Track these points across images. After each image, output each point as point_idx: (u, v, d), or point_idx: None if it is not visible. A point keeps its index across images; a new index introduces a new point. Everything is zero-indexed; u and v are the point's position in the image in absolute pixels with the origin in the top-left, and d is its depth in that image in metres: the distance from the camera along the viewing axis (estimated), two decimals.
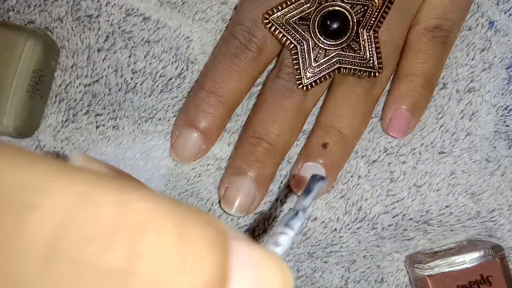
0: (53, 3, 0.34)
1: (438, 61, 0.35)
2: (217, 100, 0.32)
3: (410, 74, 0.34)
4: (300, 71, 0.32)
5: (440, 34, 0.34)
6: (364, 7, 0.32)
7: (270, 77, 0.34)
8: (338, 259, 0.36)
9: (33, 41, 0.31)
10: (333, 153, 0.33)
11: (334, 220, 0.35)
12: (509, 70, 0.37)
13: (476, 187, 0.36)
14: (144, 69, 0.34)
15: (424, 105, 0.35)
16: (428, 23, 0.34)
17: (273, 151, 0.33)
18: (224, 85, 0.32)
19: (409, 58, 0.34)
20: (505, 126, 0.36)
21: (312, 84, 0.32)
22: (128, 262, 0.11)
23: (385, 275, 0.36)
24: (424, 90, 0.34)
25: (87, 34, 0.34)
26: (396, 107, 0.34)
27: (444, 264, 0.34)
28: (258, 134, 0.32)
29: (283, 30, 0.32)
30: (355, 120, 0.34)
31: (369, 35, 0.32)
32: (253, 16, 0.32)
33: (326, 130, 0.33)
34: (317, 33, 0.32)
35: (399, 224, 0.35)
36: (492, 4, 0.36)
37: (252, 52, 0.32)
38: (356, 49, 0.33)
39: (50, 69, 0.33)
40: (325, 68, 0.33)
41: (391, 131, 0.35)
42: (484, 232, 0.36)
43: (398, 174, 0.36)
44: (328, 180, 0.34)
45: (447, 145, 0.36)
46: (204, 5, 0.35)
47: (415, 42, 0.34)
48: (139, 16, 0.34)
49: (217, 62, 0.33)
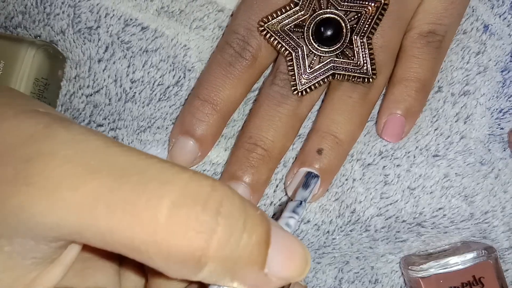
0: (56, 17, 0.35)
1: (432, 65, 0.35)
2: (211, 109, 0.33)
3: (404, 79, 0.34)
4: (295, 77, 0.33)
5: (434, 39, 0.34)
6: (357, 14, 0.33)
7: (265, 84, 0.34)
8: (331, 260, 0.37)
9: (33, 51, 0.33)
10: (328, 159, 0.34)
11: (327, 223, 0.36)
12: (504, 73, 0.37)
13: (470, 190, 0.36)
14: (143, 78, 0.35)
15: (418, 109, 0.36)
16: (422, 28, 0.34)
17: (267, 157, 0.33)
18: (219, 94, 0.33)
19: (403, 63, 0.35)
20: (499, 129, 0.37)
21: (306, 90, 0.33)
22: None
23: (380, 276, 0.37)
24: (418, 95, 0.35)
25: (88, 46, 0.35)
26: (390, 112, 0.35)
27: (437, 265, 0.35)
28: (253, 140, 0.33)
29: (278, 38, 0.33)
30: (351, 125, 0.34)
31: (363, 42, 0.33)
32: (247, 25, 0.33)
33: (321, 135, 0.34)
34: (312, 40, 0.33)
35: (392, 226, 0.36)
36: (487, 8, 0.37)
37: (246, 60, 0.33)
38: (350, 56, 0.33)
39: (56, 78, 0.35)
40: (320, 75, 0.33)
41: (386, 136, 0.36)
42: (478, 234, 0.37)
43: (393, 177, 0.36)
44: (323, 185, 0.34)
45: (442, 148, 0.37)
46: (201, 13, 0.36)
47: (409, 47, 0.35)
48: (138, 26, 0.35)
49: (212, 70, 0.33)
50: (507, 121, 0.37)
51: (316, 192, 0.35)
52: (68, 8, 0.35)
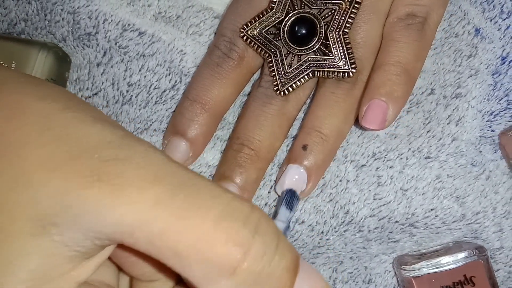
0: (56, 24, 0.36)
1: (413, 48, 0.33)
2: (200, 108, 0.34)
3: (383, 64, 0.33)
4: (276, 78, 0.34)
5: (414, 21, 0.33)
6: (331, 10, 0.34)
7: (253, 87, 0.36)
8: (325, 260, 0.37)
9: (45, 52, 0.34)
10: (314, 154, 0.34)
11: (321, 223, 0.37)
12: (495, 77, 0.37)
13: (461, 191, 0.37)
14: (139, 82, 0.36)
15: (402, 94, 0.33)
16: (399, 11, 0.34)
17: (255, 156, 0.34)
18: (207, 93, 0.34)
19: (383, 49, 0.34)
20: (490, 131, 0.37)
21: (288, 89, 0.34)
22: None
23: (373, 276, 0.38)
24: (400, 78, 0.33)
25: (87, 51, 0.36)
26: (370, 98, 0.33)
27: (429, 265, 0.35)
28: (240, 141, 0.34)
29: (257, 42, 0.34)
30: (334, 120, 0.34)
31: (339, 37, 0.34)
32: (234, 27, 0.34)
33: (306, 132, 0.34)
34: (288, 40, 0.34)
35: (385, 226, 0.37)
36: (478, 12, 0.37)
37: (233, 60, 0.34)
38: (327, 52, 0.34)
39: (63, 79, 0.36)
40: (299, 73, 0.34)
41: (366, 123, 0.33)
42: (470, 234, 0.37)
43: (386, 179, 0.37)
44: (311, 181, 0.35)
45: (434, 150, 0.37)
46: (197, 19, 0.37)
47: (388, 33, 0.34)
48: (135, 31, 0.36)
49: (201, 72, 0.34)
50: (497, 123, 0.37)
51: (305, 189, 0.35)
52: (67, 15, 0.36)
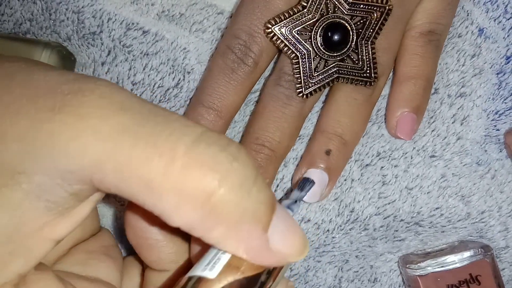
0: (61, 23, 0.36)
1: (433, 63, 0.36)
2: (216, 116, 0.33)
3: (412, 78, 0.35)
4: (301, 80, 0.33)
5: (434, 38, 0.36)
6: (363, 19, 0.33)
7: (268, 84, 0.35)
8: (331, 259, 0.37)
9: (49, 51, 0.34)
10: (336, 159, 0.35)
11: (327, 222, 0.37)
12: (499, 76, 0.37)
13: (467, 190, 0.37)
14: (143, 80, 0.36)
15: (426, 106, 0.37)
16: (423, 28, 0.35)
17: (274, 157, 0.34)
18: (223, 101, 0.33)
19: (407, 61, 0.36)
20: (495, 130, 0.37)
21: (311, 92, 0.34)
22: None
23: (378, 275, 0.38)
24: (425, 92, 0.36)
25: (92, 50, 0.36)
26: (402, 110, 0.36)
27: (435, 264, 0.35)
28: (260, 141, 0.34)
29: (285, 41, 0.33)
30: (356, 126, 0.35)
31: (367, 46, 0.34)
32: (249, 30, 0.33)
33: (328, 137, 0.35)
34: (319, 44, 0.33)
35: (390, 225, 0.37)
36: (482, 12, 0.37)
37: (248, 67, 0.33)
38: (355, 60, 0.34)
39: None
40: (325, 78, 0.34)
41: (401, 134, 0.36)
42: (475, 233, 0.37)
43: (390, 177, 0.37)
44: (330, 184, 0.35)
45: (438, 149, 0.37)
46: (200, 16, 0.37)
47: (411, 45, 0.36)
48: (139, 30, 0.36)
49: (215, 76, 0.34)
50: (503, 122, 0.37)
51: (324, 192, 0.35)
52: (72, 14, 0.36)
